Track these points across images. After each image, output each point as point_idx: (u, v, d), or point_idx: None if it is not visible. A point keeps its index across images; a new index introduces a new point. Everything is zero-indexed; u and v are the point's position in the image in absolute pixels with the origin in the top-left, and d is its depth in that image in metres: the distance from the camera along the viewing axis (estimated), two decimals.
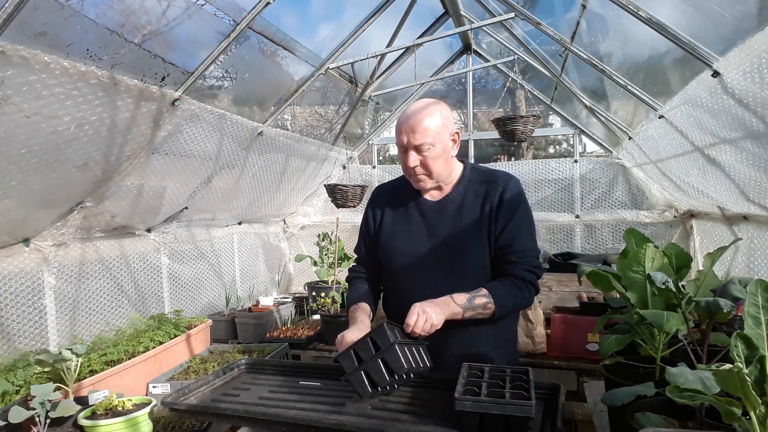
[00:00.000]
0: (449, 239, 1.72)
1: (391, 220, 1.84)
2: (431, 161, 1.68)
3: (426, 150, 1.66)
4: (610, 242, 4.19)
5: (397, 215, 1.84)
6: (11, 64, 1.53)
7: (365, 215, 1.92)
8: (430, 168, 1.69)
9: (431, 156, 1.67)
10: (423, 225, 1.77)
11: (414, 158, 1.67)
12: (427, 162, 1.68)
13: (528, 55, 3.72)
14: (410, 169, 1.70)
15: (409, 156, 1.68)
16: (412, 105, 1.73)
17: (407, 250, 1.77)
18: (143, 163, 2.48)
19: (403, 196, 1.85)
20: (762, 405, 0.97)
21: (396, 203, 1.85)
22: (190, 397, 1.61)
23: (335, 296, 3.41)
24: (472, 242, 1.71)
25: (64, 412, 1.70)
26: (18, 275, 2.27)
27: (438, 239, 1.73)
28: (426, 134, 1.64)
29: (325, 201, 4.57)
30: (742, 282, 1.38)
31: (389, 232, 1.83)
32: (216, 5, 2.24)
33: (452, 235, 1.72)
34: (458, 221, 1.73)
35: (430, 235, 1.75)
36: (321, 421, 1.36)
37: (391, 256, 1.81)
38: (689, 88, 2.24)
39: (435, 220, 1.76)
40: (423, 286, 1.69)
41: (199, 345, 2.90)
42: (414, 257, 1.75)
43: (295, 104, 3.44)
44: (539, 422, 1.34)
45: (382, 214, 1.86)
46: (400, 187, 1.87)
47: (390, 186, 1.95)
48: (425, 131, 1.64)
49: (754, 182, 2.31)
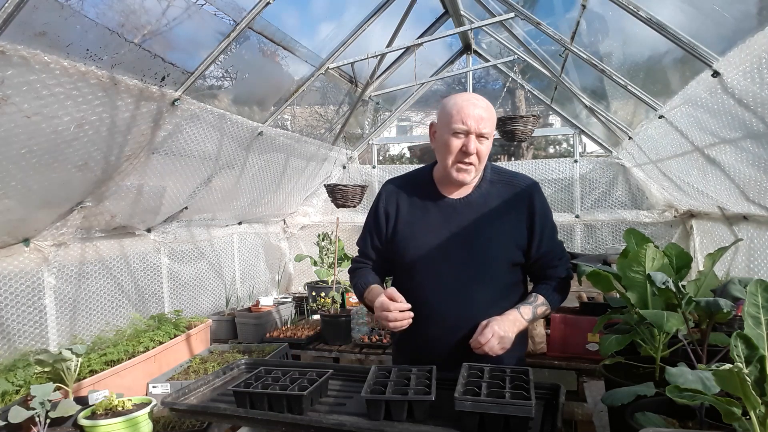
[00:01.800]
0: (473, 238, 1.69)
1: (407, 216, 1.78)
2: (484, 152, 1.66)
3: (485, 139, 1.64)
4: (610, 242, 4.19)
5: (414, 211, 1.78)
6: (11, 64, 1.53)
7: (376, 210, 1.85)
8: (481, 159, 1.66)
9: (485, 147, 1.65)
10: (444, 222, 1.73)
11: (474, 144, 1.63)
12: (482, 152, 1.65)
13: (528, 55, 3.72)
14: (465, 155, 1.64)
15: (470, 141, 1.62)
16: (464, 95, 1.68)
17: (427, 247, 1.72)
18: (143, 163, 2.48)
19: (419, 193, 1.80)
20: (762, 405, 0.97)
21: (412, 199, 1.80)
22: (190, 397, 1.60)
23: (335, 296, 3.41)
24: (498, 242, 1.69)
25: (64, 412, 1.70)
26: (18, 275, 2.27)
27: (461, 237, 1.70)
28: (489, 123, 1.64)
29: (325, 201, 4.57)
30: (742, 282, 1.38)
31: (407, 228, 1.77)
32: (216, 5, 2.24)
33: (476, 234, 1.69)
34: (483, 221, 1.70)
35: (451, 232, 1.71)
36: (321, 421, 1.36)
37: (410, 252, 1.75)
38: (689, 88, 2.24)
39: (457, 218, 1.72)
40: (443, 285, 1.68)
41: (199, 345, 2.90)
42: (435, 255, 1.71)
43: (295, 104, 3.44)
44: (539, 422, 1.34)
45: (397, 209, 1.80)
46: (413, 184, 1.83)
47: (401, 181, 1.88)
48: (490, 120, 1.64)
49: (754, 182, 2.31)
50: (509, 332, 1.57)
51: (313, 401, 1.48)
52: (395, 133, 7.07)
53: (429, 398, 1.32)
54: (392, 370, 1.52)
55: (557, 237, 1.80)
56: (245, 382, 1.51)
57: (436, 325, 1.66)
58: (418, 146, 8.16)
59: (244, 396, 1.45)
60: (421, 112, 6.34)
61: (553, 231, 1.77)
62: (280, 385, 1.47)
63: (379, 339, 3.08)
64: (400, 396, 1.34)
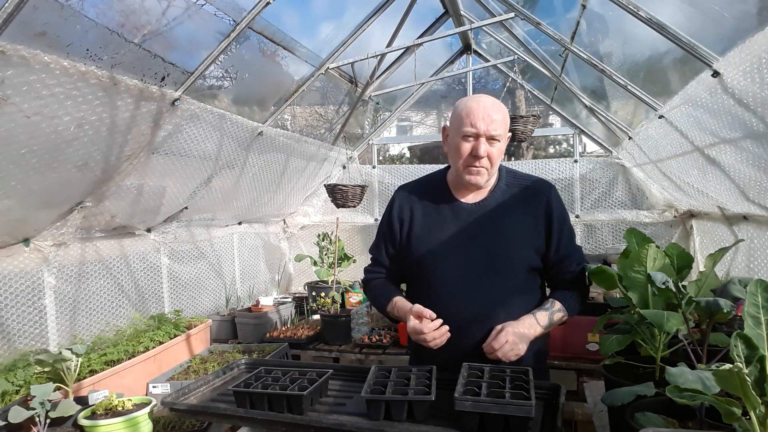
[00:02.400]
0: (490, 243, 1.66)
1: (422, 222, 1.75)
2: (496, 155, 1.64)
3: (496, 142, 1.62)
4: (610, 242, 4.19)
5: (428, 217, 1.75)
6: (11, 64, 1.53)
7: (389, 217, 1.82)
8: (493, 161, 1.64)
9: (497, 149, 1.63)
10: (460, 227, 1.70)
11: (485, 147, 1.61)
12: (493, 155, 1.63)
13: (528, 55, 3.72)
14: (476, 158, 1.62)
15: (479, 144, 1.60)
16: (477, 96, 1.67)
17: (443, 251, 1.70)
18: (143, 163, 2.48)
19: (433, 197, 1.77)
20: (762, 405, 0.97)
21: (425, 204, 1.77)
22: (190, 397, 1.60)
23: (335, 296, 3.41)
24: (515, 247, 1.67)
25: (64, 412, 1.70)
26: (18, 275, 2.27)
27: (478, 242, 1.67)
28: (500, 125, 1.61)
29: (325, 201, 4.57)
30: (742, 282, 1.38)
31: (421, 233, 1.74)
32: (216, 5, 2.24)
33: (493, 238, 1.67)
34: (500, 225, 1.68)
35: (468, 237, 1.68)
36: (321, 421, 1.36)
37: (425, 257, 1.72)
38: (689, 88, 2.24)
39: (473, 223, 1.70)
40: (458, 289, 1.65)
41: (199, 345, 2.90)
42: (450, 259, 1.68)
43: (295, 104, 3.44)
44: (539, 422, 1.34)
45: (411, 215, 1.77)
46: (427, 189, 1.81)
47: (414, 186, 1.85)
48: (501, 122, 1.62)
49: (754, 182, 2.31)
50: (524, 338, 1.56)
51: (313, 401, 1.48)
52: (395, 133, 7.06)
53: (429, 398, 1.32)
54: (392, 370, 1.52)
55: (575, 241, 1.77)
56: (245, 382, 1.51)
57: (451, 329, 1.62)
58: (418, 146, 8.16)
59: (244, 396, 1.45)
60: (421, 112, 6.35)
61: (570, 235, 1.74)
62: (280, 385, 1.47)
63: (379, 339, 3.08)
64: (400, 396, 1.34)
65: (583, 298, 1.75)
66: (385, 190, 4.79)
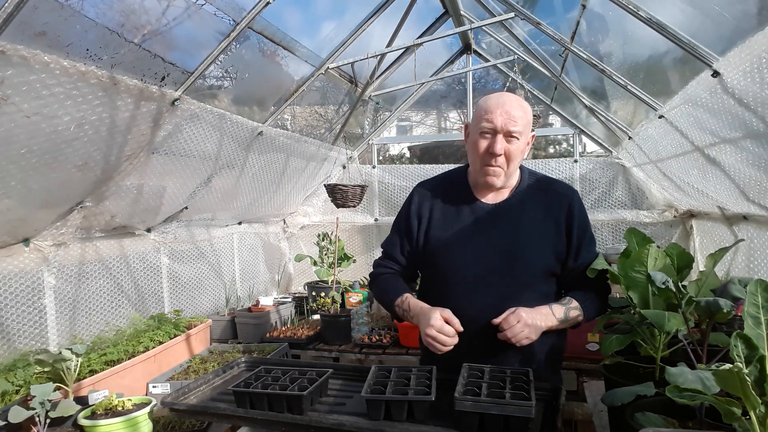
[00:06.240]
0: (509, 246, 1.64)
1: (440, 220, 1.72)
2: (514, 153, 1.60)
3: (515, 139, 1.58)
4: (610, 242, 4.19)
5: (447, 215, 1.72)
6: (11, 64, 1.53)
7: (407, 213, 1.79)
8: (511, 160, 1.60)
9: (515, 148, 1.59)
10: (479, 228, 1.67)
11: (501, 144, 1.57)
12: (511, 153, 1.59)
13: (528, 55, 3.72)
14: (492, 156, 1.58)
15: (496, 141, 1.57)
16: (500, 93, 1.64)
17: (461, 252, 1.67)
18: (143, 163, 2.48)
19: (452, 196, 1.74)
20: (762, 405, 0.97)
21: (444, 204, 1.74)
22: (190, 396, 1.60)
23: (335, 296, 3.41)
24: (536, 251, 1.64)
25: (63, 412, 1.70)
26: (18, 275, 2.26)
27: (496, 244, 1.65)
28: (519, 122, 1.57)
29: (325, 201, 4.57)
30: (742, 282, 1.38)
31: (440, 232, 1.71)
32: (216, 5, 2.23)
33: (513, 240, 1.64)
34: (520, 227, 1.65)
35: (488, 238, 1.66)
36: (321, 421, 1.36)
37: (443, 257, 1.69)
38: (689, 88, 2.24)
39: (493, 224, 1.67)
40: (476, 290, 1.63)
41: (199, 345, 2.90)
42: (468, 260, 1.66)
43: (295, 104, 3.44)
44: (539, 423, 1.34)
45: (430, 213, 1.74)
46: (446, 187, 1.78)
47: (433, 184, 1.82)
48: (521, 119, 1.58)
49: (754, 182, 2.30)
50: (536, 325, 1.52)
51: (313, 401, 1.48)
52: (395, 133, 7.06)
53: (429, 398, 1.32)
54: (392, 370, 1.52)
55: (595, 249, 1.72)
56: (245, 381, 1.51)
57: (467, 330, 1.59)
58: (418, 146, 8.16)
59: (244, 396, 1.45)
60: (421, 112, 6.35)
61: (591, 242, 1.71)
62: (280, 384, 1.47)
63: (379, 339, 3.08)
64: (400, 396, 1.34)
65: (602, 305, 1.69)
66: (385, 190, 4.79)
